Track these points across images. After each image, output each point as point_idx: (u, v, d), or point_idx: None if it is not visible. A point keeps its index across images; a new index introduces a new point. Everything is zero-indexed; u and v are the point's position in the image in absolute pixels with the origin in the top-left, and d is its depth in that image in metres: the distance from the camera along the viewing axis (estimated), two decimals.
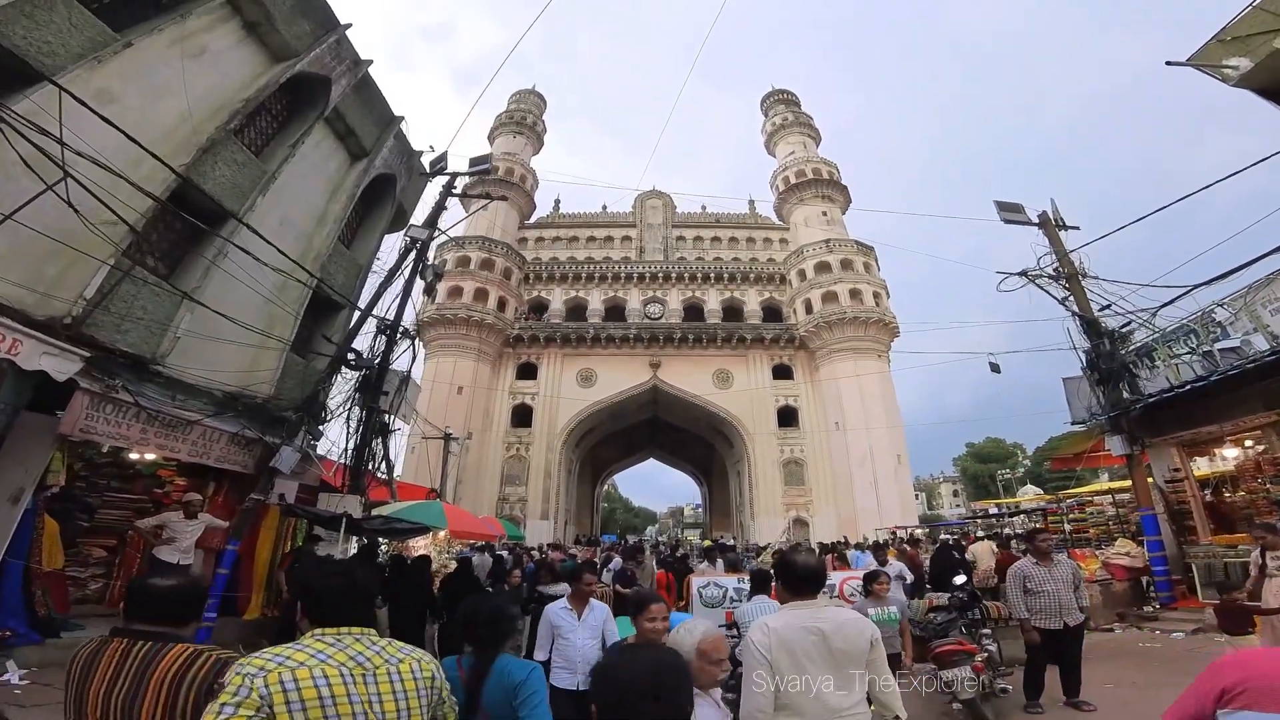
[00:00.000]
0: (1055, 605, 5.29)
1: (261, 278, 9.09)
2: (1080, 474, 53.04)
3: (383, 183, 13.59)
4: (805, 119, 49.05)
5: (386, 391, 9.82)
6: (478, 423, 33.42)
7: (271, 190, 10.11)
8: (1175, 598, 9.10)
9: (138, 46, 8.11)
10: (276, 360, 9.29)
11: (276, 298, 9.41)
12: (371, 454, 9.77)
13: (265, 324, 9.21)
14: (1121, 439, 9.71)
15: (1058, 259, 12.64)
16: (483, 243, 37.34)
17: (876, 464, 31.59)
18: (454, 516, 9.73)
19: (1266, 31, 8.87)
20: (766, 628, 2.52)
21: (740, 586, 6.81)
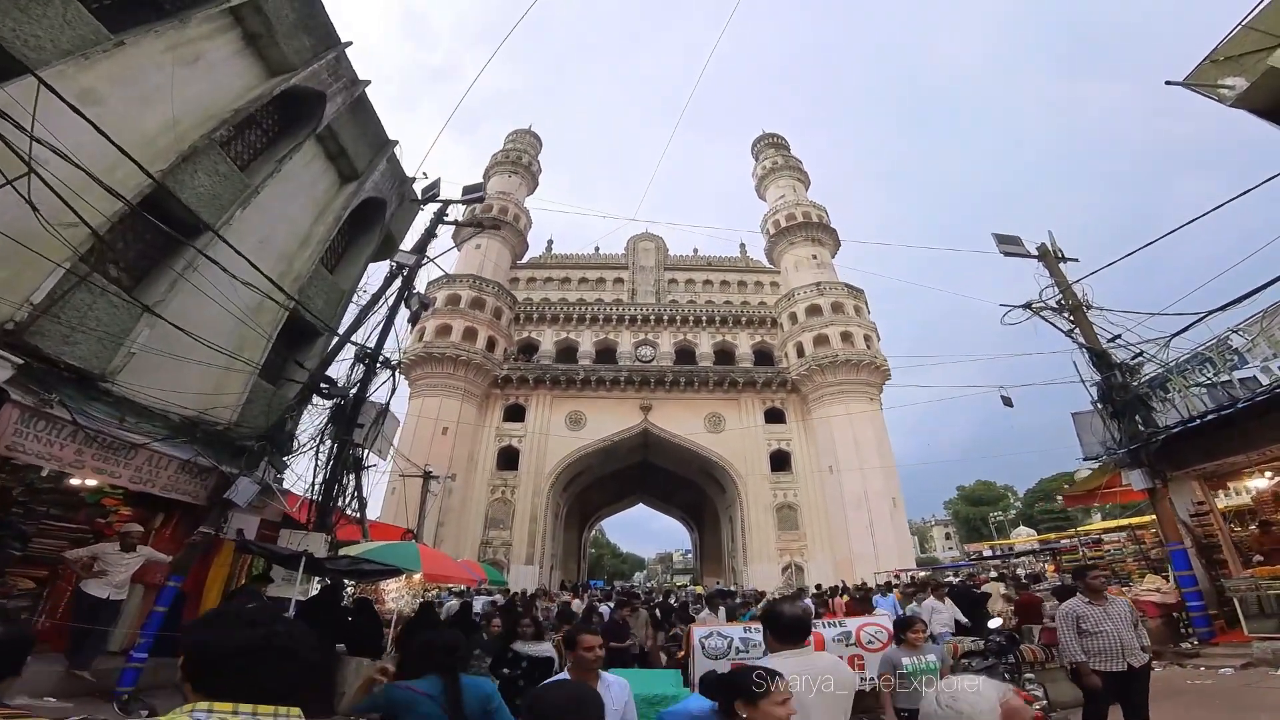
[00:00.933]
0: (1116, 646, 4.72)
1: (234, 297, 8.57)
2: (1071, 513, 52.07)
3: (372, 207, 13.23)
4: (794, 162, 49.94)
5: (361, 424, 9.12)
6: (462, 464, 32.48)
7: (253, 205, 9.72)
8: (1214, 633, 8.52)
9: (130, 48, 7.83)
10: (243, 385, 8.70)
11: (249, 319, 8.86)
12: (342, 490, 9.03)
13: (235, 346, 8.63)
14: (1142, 473, 9.22)
15: (1060, 291, 12.37)
16: (474, 281, 37.07)
17: (872, 508, 30.88)
18: (430, 559, 8.88)
19: (1258, 50, 8.78)
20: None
21: (748, 637, 6.16)
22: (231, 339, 8.62)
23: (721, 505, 39.92)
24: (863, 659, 6.18)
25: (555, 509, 36.21)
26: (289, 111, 11.50)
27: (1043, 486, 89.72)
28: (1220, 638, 8.43)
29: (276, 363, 10.01)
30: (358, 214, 13.28)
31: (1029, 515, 79.63)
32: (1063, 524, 68.19)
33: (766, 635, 3.00)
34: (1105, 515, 66.61)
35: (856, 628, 6.39)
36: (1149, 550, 10.79)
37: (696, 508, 48.10)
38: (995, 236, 14.01)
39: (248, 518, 7.94)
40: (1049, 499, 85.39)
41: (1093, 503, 11.99)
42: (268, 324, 9.22)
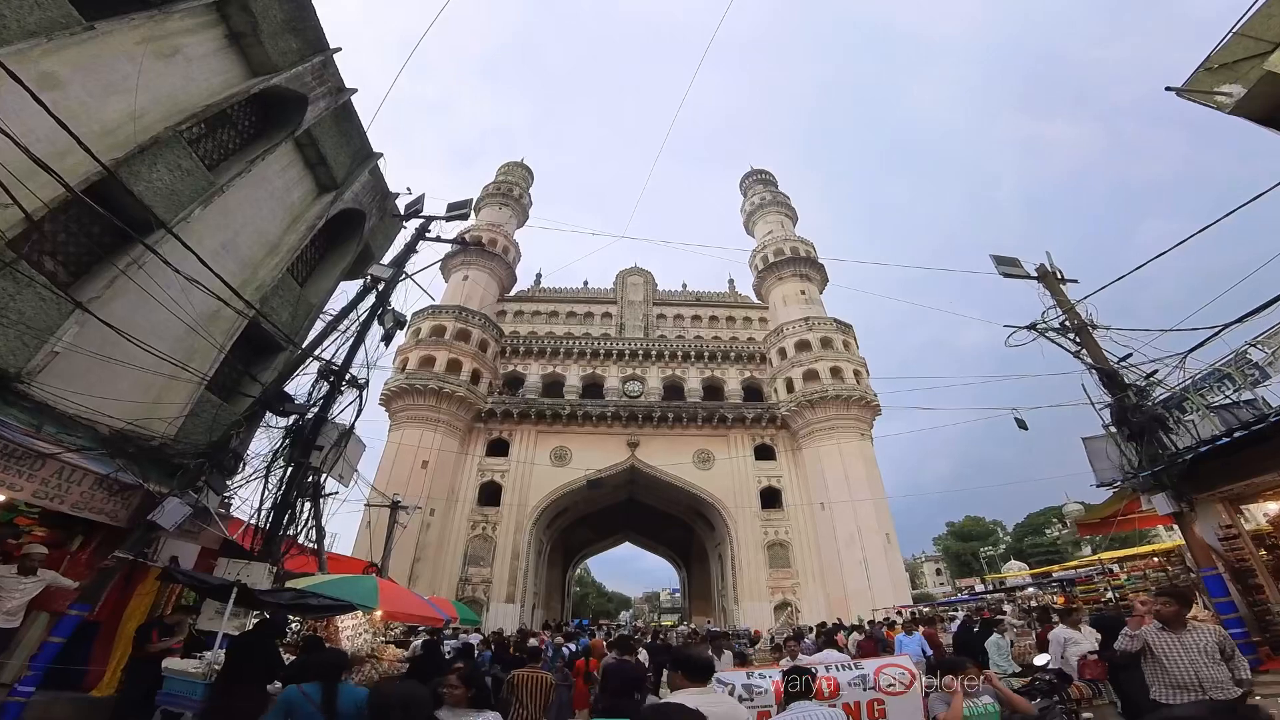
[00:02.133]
0: (1192, 680, 4.01)
1: (186, 302, 7.92)
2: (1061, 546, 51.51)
3: (350, 219, 12.68)
4: (782, 198, 50.32)
5: (321, 446, 8.31)
6: (442, 499, 31.33)
7: (217, 207, 9.15)
8: (1260, 660, 7.82)
9: (103, 37, 7.43)
10: (188, 396, 7.91)
11: (200, 327, 8.15)
12: (295, 518, 8.17)
13: (184, 356, 7.92)
14: (1166, 497, 8.60)
15: (1063, 311, 11.96)
16: (459, 312, 36.45)
17: (865, 544, 29.99)
18: (391, 595, 7.86)
19: (1252, 57, 8.54)
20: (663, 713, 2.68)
21: (752, 684, 5.38)
22: (179, 348, 7.89)
23: (710, 543, 38.82)
24: (883, 704, 5.42)
25: (538, 546, 34.97)
26: (268, 114, 11.06)
27: (1031, 521, 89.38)
28: (1267, 664, 7.75)
29: (232, 377, 9.27)
30: (334, 227, 12.71)
31: (1019, 550, 78.92)
32: (1053, 558, 67.37)
33: (677, 675, 3.31)
34: (1096, 547, 66.26)
35: (874, 669, 5.62)
36: (1175, 578, 10.10)
37: (684, 546, 46.86)
38: (993, 258, 13.69)
39: (184, 545, 7.12)
40: (1038, 533, 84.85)
41: (1109, 530, 11.32)
42: (222, 333, 8.50)
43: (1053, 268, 13.04)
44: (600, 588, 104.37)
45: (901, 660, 5.86)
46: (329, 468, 8.39)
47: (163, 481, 7.24)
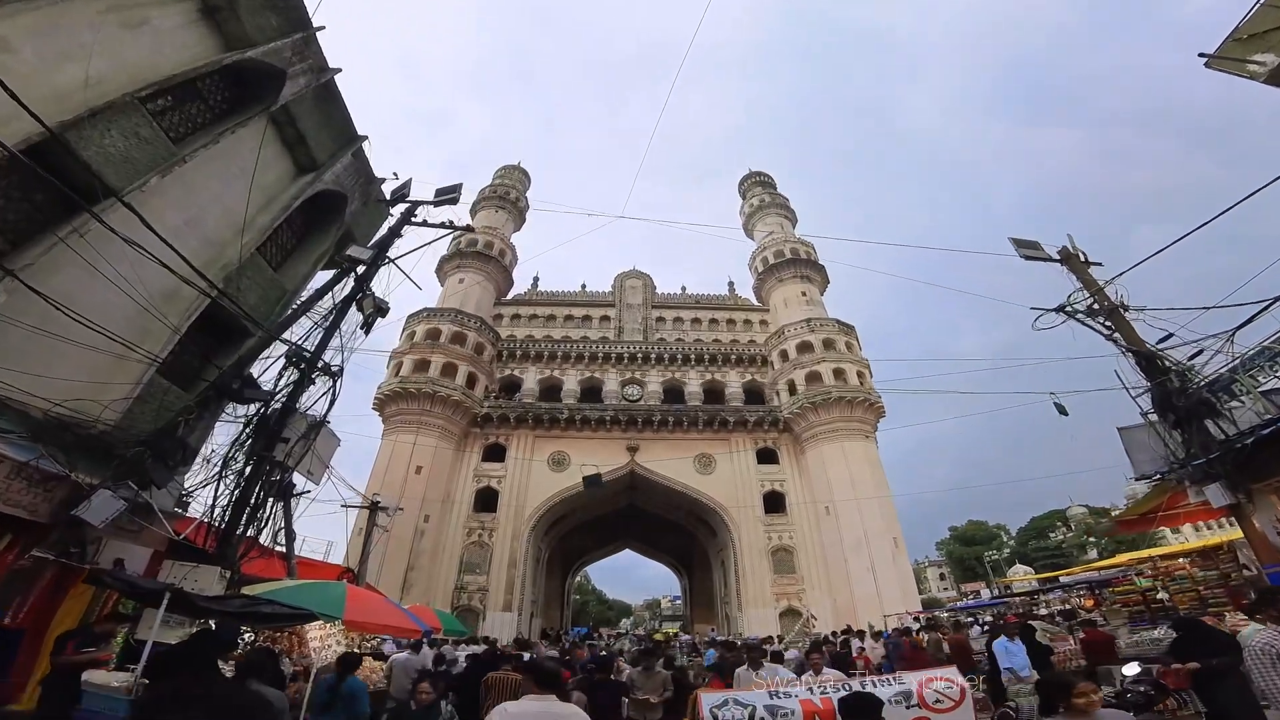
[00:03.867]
0: None
1: (139, 280, 7.20)
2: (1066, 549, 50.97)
3: (330, 202, 11.96)
4: (781, 200, 49.81)
5: (286, 439, 7.53)
6: (436, 505, 30.49)
7: (180, 180, 8.47)
8: None
9: (64, 4, 6.80)
10: (135, 380, 7.13)
11: (157, 308, 7.41)
12: (257, 517, 7.34)
13: (135, 338, 7.15)
14: (1220, 487, 7.86)
15: (1090, 294, 11.30)
16: (455, 316, 35.72)
17: (872, 548, 29.17)
18: (361, 604, 7.07)
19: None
20: (505, 711, 3.40)
21: (776, 704, 4.62)
22: (130, 328, 7.14)
23: (713, 549, 37.95)
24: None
25: (536, 554, 34.10)
26: (243, 91, 10.41)
27: (1035, 524, 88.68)
28: None
29: (193, 366, 8.51)
30: (314, 212, 12.01)
31: (1023, 554, 78.16)
32: (1058, 561, 66.58)
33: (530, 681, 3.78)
34: (1102, 551, 65.22)
35: (918, 684, 4.87)
36: (1230, 576, 9.33)
37: (686, 552, 45.93)
38: (1013, 241, 13.06)
39: (131, 546, 6.34)
40: (1042, 537, 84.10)
41: (1151, 527, 10.60)
42: (179, 314, 7.74)
43: (1075, 249, 12.44)
44: (600, 595, 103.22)
45: (947, 672, 5.11)
46: (296, 462, 7.58)
47: (96, 472, 6.47)
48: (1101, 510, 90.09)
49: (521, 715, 3.40)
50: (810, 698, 4.72)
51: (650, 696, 6.91)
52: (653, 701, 6.88)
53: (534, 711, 3.41)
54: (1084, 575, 16.96)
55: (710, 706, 4.57)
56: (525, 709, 3.45)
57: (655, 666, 7.43)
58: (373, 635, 10.06)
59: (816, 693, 4.77)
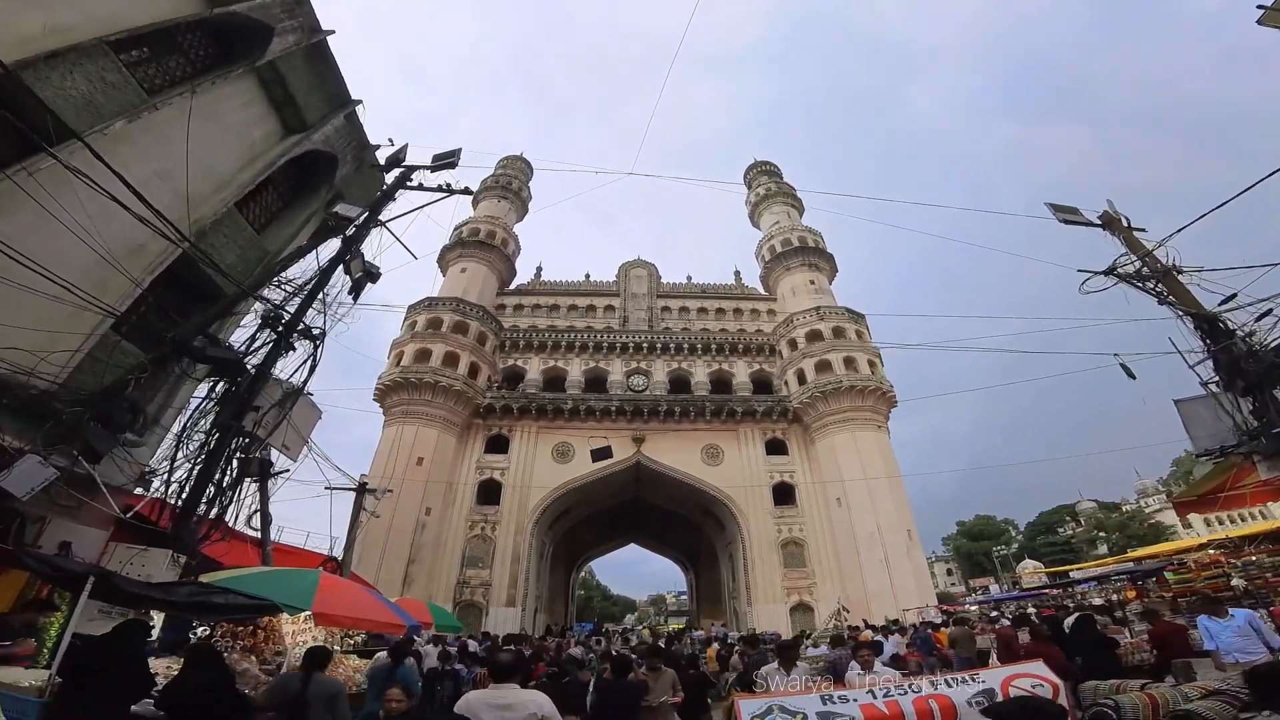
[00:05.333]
0: None
1: (100, 231, 6.45)
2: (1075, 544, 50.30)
3: (320, 166, 11.19)
4: (788, 189, 48.91)
5: (259, 407, 6.71)
6: (438, 498, 29.79)
7: (152, 132, 7.75)
8: None
9: None
10: (87, 334, 6.32)
11: (119, 261, 6.64)
12: (223, 493, 6.52)
13: (92, 292, 6.37)
14: None
15: (1137, 257, 10.55)
16: (456, 305, 34.94)
17: (886, 541, 28.33)
18: (335, 596, 6.10)
19: None
20: (466, 699, 3.83)
21: (832, 712, 3.82)
22: (87, 281, 6.35)
23: (720, 543, 37.19)
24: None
25: (540, 548, 33.36)
26: (229, 48, 9.68)
27: (1044, 519, 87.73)
28: None
29: (156, 327, 7.70)
30: (302, 175, 11.26)
31: (1032, 548, 77.25)
32: (1067, 556, 65.74)
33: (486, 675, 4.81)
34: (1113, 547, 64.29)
35: (1001, 682, 4.07)
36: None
37: (692, 547, 45.22)
38: (1050, 206, 12.37)
39: (80, 528, 5.56)
40: (1050, 532, 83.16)
41: (1213, 510, 9.80)
42: (144, 268, 6.96)
43: (1116, 214, 11.70)
44: (605, 591, 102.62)
45: (1033, 667, 4.32)
46: (269, 432, 6.78)
47: (28, 436, 5.66)
48: (1111, 505, 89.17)
49: (480, 702, 3.72)
50: (872, 702, 3.94)
51: (665, 699, 6.11)
52: (668, 703, 6.10)
53: (491, 697, 3.76)
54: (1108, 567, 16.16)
55: (751, 715, 3.79)
56: (485, 695, 3.81)
57: (660, 665, 6.61)
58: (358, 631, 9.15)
59: (880, 695, 4.00)
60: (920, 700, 3.93)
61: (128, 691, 3.97)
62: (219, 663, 4.70)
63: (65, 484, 5.52)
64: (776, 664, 6.05)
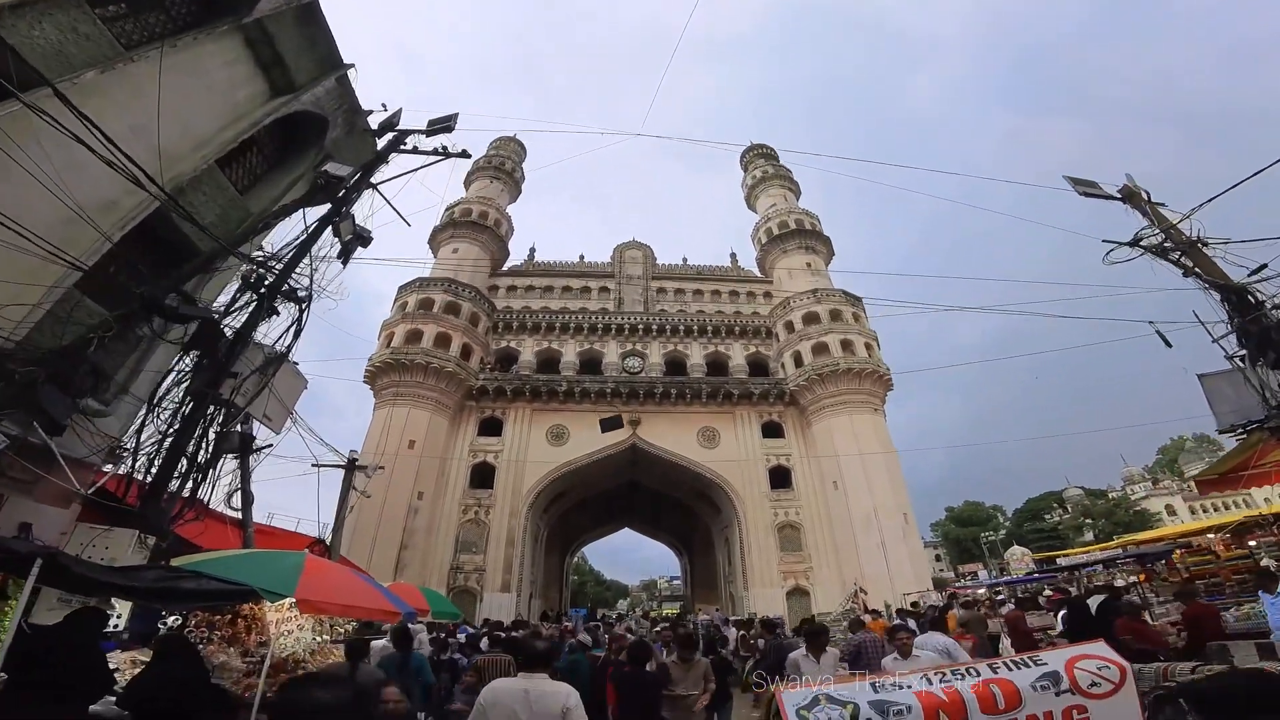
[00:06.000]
0: None
1: (67, 185, 5.91)
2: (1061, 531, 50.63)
3: (309, 129, 10.59)
4: (784, 172, 48.32)
5: (236, 374, 6.16)
6: (431, 482, 29.33)
7: (126, 82, 7.20)
8: None
9: None
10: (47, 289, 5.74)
11: (89, 217, 6.09)
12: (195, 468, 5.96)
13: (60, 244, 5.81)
14: None
15: (1161, 230, 10.21)
16: (448, 285, 34.27)
17: (883, 524, 28.12)
18: (320, 579, 5.40)
19: None
20: (492, 688, 3.63)
21: (886, 700, 3.38)
22: (54, 240, 5.79)
23: (716, 527, 36.98)
24: (1086, 713, 3.48)
25: (535, 532, 33.03)
26: (213, 5, 9.03)
27: (1031, 506, 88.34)
28: None
29: (127, 288, 7.14)
30: (290, 138, 10.67)
31: (1019, 535, 77.74)
32: (1054, 543, 66.12)
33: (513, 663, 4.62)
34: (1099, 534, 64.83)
35: (1065, 664, 3.66)
36: None
37: (687, 532, 45.03)
38: (1069, 179, 11.99)
39: (42, 507, 5.04)
40: (1037, 518, 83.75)
41: (1237, 488, 9.48)
42: (114, 224, 6.39)
43: (1136, 187, 11.34)
44: (598, 576, 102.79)
45: (1095, 648, 3.91)
46: (248, 400, 6.23)
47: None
48: (1098, 492, 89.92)
49: (507, 691, 3.56)
50: (929, 688, 3.52)
51: (692, 691, 5.66)
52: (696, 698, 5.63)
53: (520, 688, 3.56)
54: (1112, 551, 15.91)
55: (796, 708, 3.35)
56: (512, 685, 3.62)
57: (692, 656, 6.10)
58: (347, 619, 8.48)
59: (936, 682, 3.58)
60: (980, 686, 3.52)
61: (83, 689, 3.50)
62: (192, 655, 4.24)
63: (16, 454, 4.98)
64: (804, 650, 5.64)
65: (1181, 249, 9.55)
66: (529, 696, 3.48)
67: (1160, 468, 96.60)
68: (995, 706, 3.44)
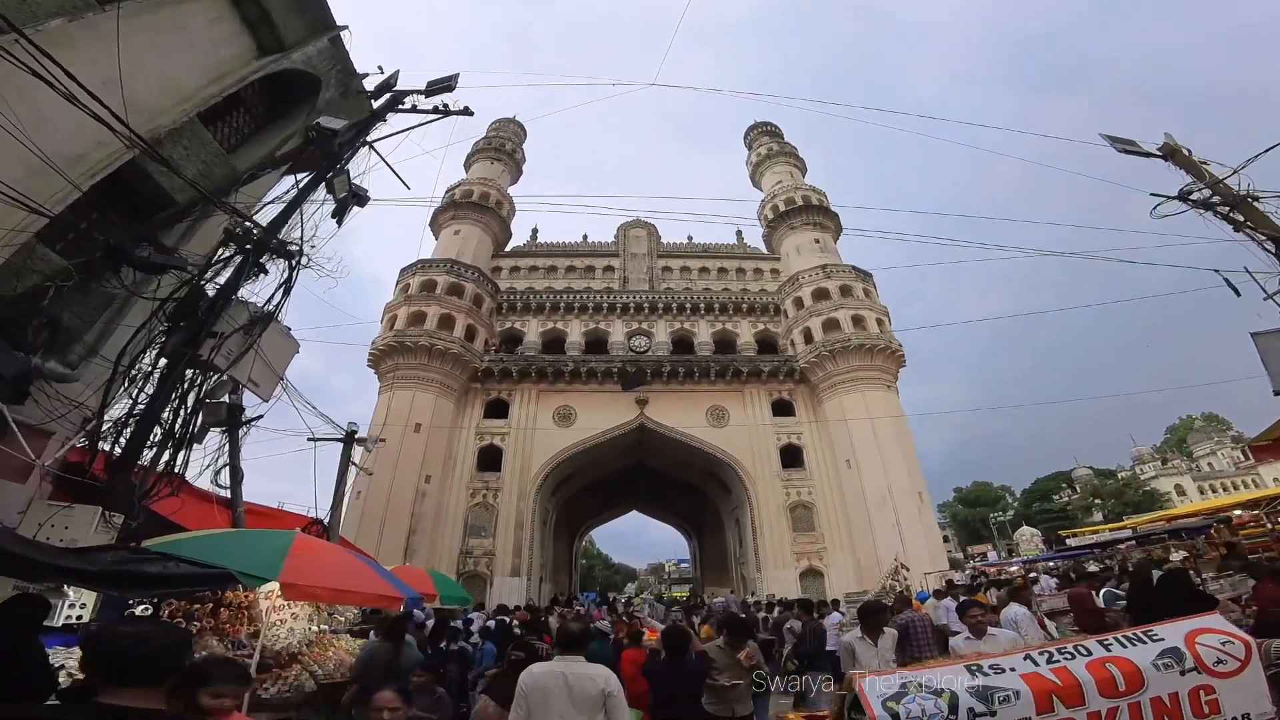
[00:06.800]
0: None
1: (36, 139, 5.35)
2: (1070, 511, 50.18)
3: (299, 88, 9.95)
4: (790, 149, 47.34)
5: (217, 333, 5.56)
6: (438, 465, 28.92)
7: (98, 35, 6.59)
8: None
9: None
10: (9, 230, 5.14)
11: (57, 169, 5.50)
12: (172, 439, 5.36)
13: None
14: None
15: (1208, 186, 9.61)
16: (450, 266, 33.65)
17: (898, 504, 27.62)
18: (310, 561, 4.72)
19: None
20: (530, 672, 3.60)
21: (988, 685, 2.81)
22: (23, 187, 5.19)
23: (726, 508, 36.54)
24: (1213, 692, 2.93)
25: (544, 515, 32.63)
26: None
27: (1039, 486, 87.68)
28: None
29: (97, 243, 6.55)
30: (280, 96, 10.02)
31: (1028, 515, 77.28)
32: (1063, 523, 65.64)
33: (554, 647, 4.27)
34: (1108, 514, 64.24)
35: (1185, 639, 3.10)
36: None
37: (695, 513, 44.65)
38: (1105, 137, 11.35)
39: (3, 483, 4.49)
40: (1046, 499, 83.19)
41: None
42: (83, 173, 5.79)
43: (1178, 144, 10.71)
44: (606, 560, 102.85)
45: (1212, 621, 3.34)
46: (231, 362, 5.58)
47: None
48: (1107, 472, 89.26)
49: (546, 674, 3.54)
50: (1035, 669, 2.98)
51: (739, 681, 5.07)
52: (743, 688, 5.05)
53: (558, 670, 3.54)
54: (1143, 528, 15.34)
55: (881, 699, 2.79)
56: (551, 669, 3.59)
57: (741, 640, 5.39)
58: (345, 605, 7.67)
59: (1042, 662, 3.02)
60: (1095, 665, 2.98)
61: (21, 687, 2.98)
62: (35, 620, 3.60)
63: None
64: (859, 632, 5.07)
65: (1231, 203, 8.96)
66: (567, 680, 3.46)
67: (1169, 447, 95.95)
68: (1115, 689, 2.89)
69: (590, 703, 3.40)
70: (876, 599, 7.44)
